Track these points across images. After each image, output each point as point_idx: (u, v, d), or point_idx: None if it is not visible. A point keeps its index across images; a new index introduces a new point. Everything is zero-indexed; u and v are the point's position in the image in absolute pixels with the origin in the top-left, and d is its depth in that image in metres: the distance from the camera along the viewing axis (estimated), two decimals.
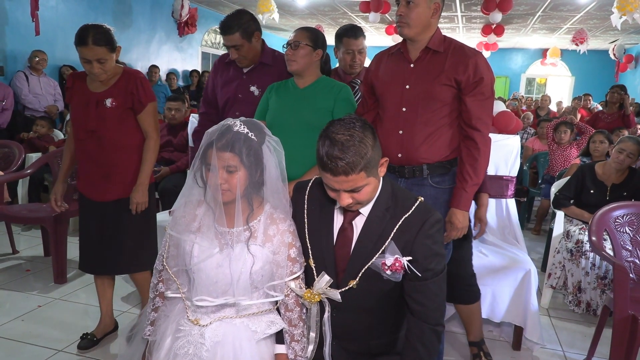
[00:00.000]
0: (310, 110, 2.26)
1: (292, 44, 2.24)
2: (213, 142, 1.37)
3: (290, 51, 2.25)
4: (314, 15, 9.80)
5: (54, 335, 2.55)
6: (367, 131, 1.34)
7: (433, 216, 1.43)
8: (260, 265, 1.44)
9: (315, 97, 2.29)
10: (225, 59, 2.60)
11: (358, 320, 1.46)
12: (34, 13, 5.69)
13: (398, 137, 2.01)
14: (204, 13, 9.56)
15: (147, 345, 1.54)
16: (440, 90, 1.95)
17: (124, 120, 2.27)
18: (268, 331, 1.46)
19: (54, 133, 5.10)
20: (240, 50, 2.40)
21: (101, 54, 2.15)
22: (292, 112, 2.27)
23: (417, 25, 1.94)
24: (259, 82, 2.49)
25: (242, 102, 2.50)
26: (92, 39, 2.11)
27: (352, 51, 2.78)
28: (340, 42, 2.80)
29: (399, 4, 1.96)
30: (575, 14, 8.45)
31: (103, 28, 2.17)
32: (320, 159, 1.33)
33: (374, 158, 1.34)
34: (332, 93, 2.29)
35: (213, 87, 2.64)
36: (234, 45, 2.39)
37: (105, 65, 2.18)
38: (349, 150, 1.29)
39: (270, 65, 2.50)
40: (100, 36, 2.13)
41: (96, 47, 2.13)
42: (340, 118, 1.38)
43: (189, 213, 1.49)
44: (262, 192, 1.48)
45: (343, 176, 1.31)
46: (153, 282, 1.57)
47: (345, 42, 2.78)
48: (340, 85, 2.34)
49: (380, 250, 1.42)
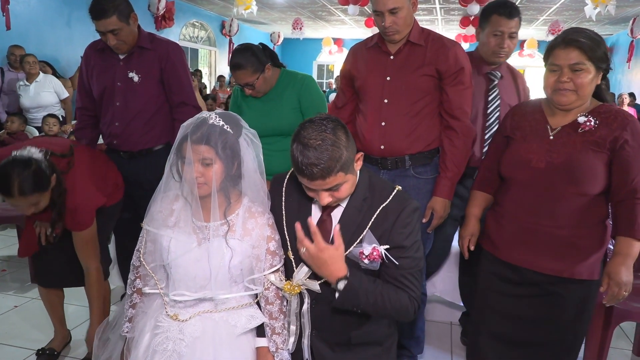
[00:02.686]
0: (279, 115, 2.27)
1: (250, 86, 2.23)
2: (188, 135, 1.35)
3: (251, 90, 2.24)
4: (292, 8, 9.74)
5: (32, 335, 2.50)
6: (339, 132, 1.33)
7: (410, 205, 1.44)
8: (239, 259, 1.43)
9: (281, 100, 2.29)
10: (97, 46, 2.38)
11: (337, 311, 1.46)
12: (5, 7, 5.53)
13: (380, 129, 2.01)
14: (182, 7, 9.42)
15: (126, 342, 1.52)
16: (421, 81, 1.96)
17: None
18: (248, 326, 1.45)
19: (27, 129, 4.94)
20: (119, 35, 2.21)
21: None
22: (263, 119, 2.27)
23: (405, 28, 1.96)
24: (138, 67, 2.32)
25: (122, 91, 2.32)
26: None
27: (501, 33, 2.15)
28: (486, 20, 2.19)
29: (380, 16, 1.92)
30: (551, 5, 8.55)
31: None
32: (295, 164, 1.33)
33: (349, 157, 1.34)
34: (294, 89, 2.29)
35: (88, 78, 2.40)
36: (111, 30, 2.19)
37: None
38: (323, 156, 1.28)
39: (149, 49, 2.33)
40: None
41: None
42: (310, 119, 1.36)
43: (165, 208, 1.47)
44: (239, 186, 1.47)
45: (320, 180, 1.31)
46: (130, 278, 1.55)
47: (494, 20, 2.16)
48: (302, 78, 2.33)
49: (358, 240, 1.42)
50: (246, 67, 2.18)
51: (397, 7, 1.88)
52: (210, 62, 11.31)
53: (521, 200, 1.65)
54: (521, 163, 1.63)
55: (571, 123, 1.59)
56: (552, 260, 1.59)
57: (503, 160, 1.72)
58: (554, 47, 1.55)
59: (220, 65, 11.34)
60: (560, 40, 1.54)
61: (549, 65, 1.57)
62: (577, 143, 1.56)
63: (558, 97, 1.56)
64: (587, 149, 1.54)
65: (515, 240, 1.66)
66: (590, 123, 1.55)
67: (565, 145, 1.57)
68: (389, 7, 1.88)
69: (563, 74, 1.53)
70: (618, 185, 1.55)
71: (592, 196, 1.56)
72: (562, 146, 1.57)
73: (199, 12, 10.15)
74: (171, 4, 8.72)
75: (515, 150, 1.68)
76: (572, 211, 1.56)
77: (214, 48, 11.17)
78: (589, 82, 1.53)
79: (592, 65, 1.51)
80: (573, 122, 1.59)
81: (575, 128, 1.58)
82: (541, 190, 1.59)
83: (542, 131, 1.63)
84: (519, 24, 2.17)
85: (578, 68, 1.51)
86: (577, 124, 1.57)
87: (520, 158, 1.64)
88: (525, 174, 1.62)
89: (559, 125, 1.61)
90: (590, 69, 1.51)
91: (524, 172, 1.63)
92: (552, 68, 1.56)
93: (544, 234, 1.59)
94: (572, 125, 1.59)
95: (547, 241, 1.59)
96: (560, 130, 1.60)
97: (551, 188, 1.57)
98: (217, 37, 11.11)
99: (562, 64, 1.52)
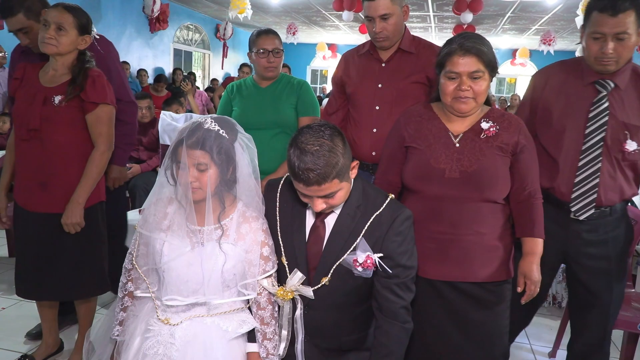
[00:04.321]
0: (276, 109, 2.32)
1: (273, 52, 2.28)
2: (183, 139, 1.35)
3: (272, 58, 2.29)
4: (287, 12, 9.77)
5: (20, 338, 2.47)
6: (336, 138, 1.34)
7: (403, 213, 1.45)
8: (232, 264, 1.43)
9: (280, 95, 2.35)
10: (21, 49, 2.28)
11: (329, 317, 1.47)
12: None
13: (372, 136, 2.03)
14: (176, 9, 9.41)
15: (116, 345, 1.51)
16: (412, 88, 1.98)
17: (74, 123, 1.95)
18: (240, 330, 1.45)
19: None
20: (30, 34, 2.09)
21: (64, 21, 1.89)
22: (258, 111, 2.32)
23: (396, 35, 1.99)
24: None
25: None
26: (64, 5, 1.90)
27: (601, 35, 1.63)
28: (587, 18, 1.70)
29: (372, 22, 1.95)
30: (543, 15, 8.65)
31: (81, 9, 1.99)
32: (292, 169, 1.33)
33: (345, 164, 1.35)
34: (293, 90, 2.36)
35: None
36: (20, 29, 2.09)
37: (61, 37, 1.88)
38: (320, 161, 1.29)
39: None
40: (73, 7, 1.93)
41: (64, 12, 1.90)
42: (308, 125, 1.37)
43: (159, 211, 1.47)
44: (234, 190, 1.47)
45: (316, 186, 1.31)
46: (122, 281, 1.54)
47: (594, 19, 1.65)
48: (300, 81, 2.40)
49: (352, 247, 1.43)
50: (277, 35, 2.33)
51: (388, 13, 1.91)
52: (204, 65, 11.29)
53: (434, 211, 1.58)
54: (433, 174, 1.57)
55: (472, 128, 1.60)
56: (483, 267, 1.57)
57: (408, 171, 1.63)
58: (451, 55, 1.51)
59: (213, 68, 11.33)
60: (457, 47, 1.51)
61: (447, 72, 1.53)
62: (484, 149, 1.56)
63: (459, 105, 1.56)
64: (494, 155, 1.56)
65: (435, 255, 1.58)
66: (493, 129, 1.56)
67: (473, 152, 1.56)
68: (380, 13, 1.91)
69: (463, 82, 1.51)
70: (518, 188, 1.60)
71: (500, 200, 1.59)
72: (471, 153, 1.56)
73: (193, 14, 10.14)
74: (165, 6, 8.70)
75: (423, 160, 1.59)
76: (488, 216, 1.57)
77: (207, 51, 11.16)
78: (486, 89, 1.55)
79: (488, 72, 1.53)
80: (473, 128, 1.60)
81: (477, 133, 1.58)
82: (455, 199, 1.56)
83: (445, 139, 1.60)
84: (634, 20, 1.60)
85: (477, 76, 1.51)
86: (478, 129, 1.58)
87: (431, 168, 1.57)
88: (438, 185, 1.56)
89: (459, 132, 1.60)
90: (486, 76, 1.53)
91: (436, 183, 1.56)
92: (451, 76, 1.52)
93: (468, 242, 1.56)
94: (472, 130, 1.60)
95: (474, 249, 1.57)
96: (463, 136, 1.60)
97: (466, 196, 1.55)
98: (211, 40, 11.10)
99: (462, 71, 1.51)
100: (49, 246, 2.01)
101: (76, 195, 1.95)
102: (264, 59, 2.29)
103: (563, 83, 1.79)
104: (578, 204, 1.76)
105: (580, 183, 1.75)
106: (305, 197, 1.39)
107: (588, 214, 1.76)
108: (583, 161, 1.74)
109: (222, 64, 11.36)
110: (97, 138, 1.99)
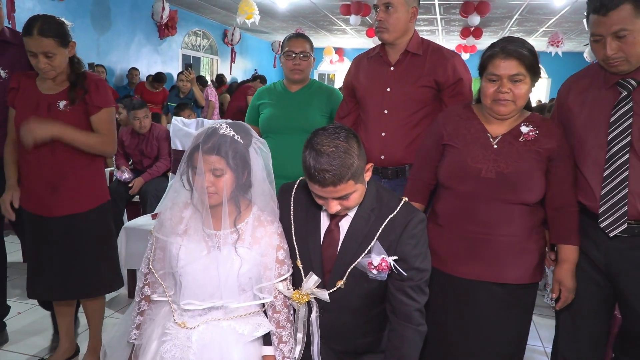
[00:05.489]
0: (306, 115, 2.32)
1: (301, 54, 2.29)
2: (199, 145, 1.37)
3: (298, 61, 2.31)
4: (294, 17, 9.81)
5: (35, 342, 2.50)
6: (351, 140, 1.35)
7: (417, 216, 1.46)
8: (248, 268, 1.44)
9: (310, 101, 2.35)
10: None
11: (345, 320, 1.48)
12: (10, 15, 5.57)
13: (380, 139, 2.04)
14: (185, 15, 9.48)
15: (133, 349, 1.53)
16: (420, 92, 1.99)
17: (81, 125, 2.00)
18: (255, 334, 1.46)
19: None
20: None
21: (48, 47, 1.89)
22: (287, 116, 2.32)
23: (396, 30, 1.99)
24: (2, 61, 2.19)
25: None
26: (37, 29, 1.87)
27: (600, 37, 1.52)
28: (587, 23, 1.57)
29: (378, 10, 2.00)
30: (551, 17, 8.62)
31: (54, 19, 1.95)
32: (307, 170, 1.34)
33: (360, 166, 1.36)
34: (324, 96, 2.37)
35: None
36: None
37: (53, 61, 1.92)
38: (336, 162, 1.30)
39: (12, 42, 2.21)
40: (47, 27, 1.89)
41: (43, 39, 1.87)
42: (323, 127, 1.38)
43: (175, 215, 1.49)
44: (249, 194, 1.49)
45: (331, 187, 1.32)
46: (138, 285, 1.56)
47: (592, 22, 1.53)
48: (330, 87, 2.42)
49: (366, 250, 1.44)
50: (308, 40, 2.37)
51: (391, 3, 1.95)
52: (212, 70, 11.35)
53: (468, 210, 1.59)
54: (469, 173, 1.58)
55: (511, 131, 1.60)
56: (513, 268, 1.58)
57: (444, 169, 1.66)
58: (493, 57, 1.53)
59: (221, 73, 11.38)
60: (499, 51, 1.52)
61: (488, 75, 1.55)
62: (521, 152, 1.56)
63: (498, 107, 1.56)
64: (531, 159, 1.56)
65: (466, 253, 1.59)
66: (532, 133, 1.57)
67: (510, 155, 1.57)
68: (384, 1, 1.96)
69: (503, 84, 1.53)
70: (555, 194, 1.60)
71: (533, 203, 1.59)
72: (508, 155, 1.57)
73: (201, 20, 10.21)
74: (174, 13, 8.77)
75: (460, 158, 1.61)
76: (520, 218, 1.57)
77: (215, 57, 11.22)
78: (526, 93, 1.55)
79: (529, 76, 1.53)
80: (512, 131, 1.60)
81: (515, 137, 1.59)
82: (489, 199, 1.57)
83: (483, 139, 1.61)
84: (631, 13, 1.44)
85: (517, 79, 1.52)
86: (517, 132, 1.59)
87: (468, 168, 1.59)
88: (473, 184, 1.57)
89: (498, 134, 1.61)
90: (527, 80, 1.53)
91: (471, 182, 1.58)
92: (492, 78, 1.54)
93: (500, 243, 1.57)
94: (511, 133, 1.60)
95: (505, 250, 1.57)
96: (502, 138, 1.60)
97: (499, 197, 1.56)
98: (219, 45, 11.16)
99: (502, 74, 1.52)
100: (66, 247, 2.05)
101: (63, 127, 1.94)
102: (290, 61, 2.32)
103: (586, 90, 1.67)
104: (607, 218, 1.57)
105: (608, 195, 1.57)
106: (320, 198, 1.40)
107: (620, 229, 1.56)
108: (608, 171, 1.57)
109: (230, 69, 11.42)
110: (104, 133, 2.07)
